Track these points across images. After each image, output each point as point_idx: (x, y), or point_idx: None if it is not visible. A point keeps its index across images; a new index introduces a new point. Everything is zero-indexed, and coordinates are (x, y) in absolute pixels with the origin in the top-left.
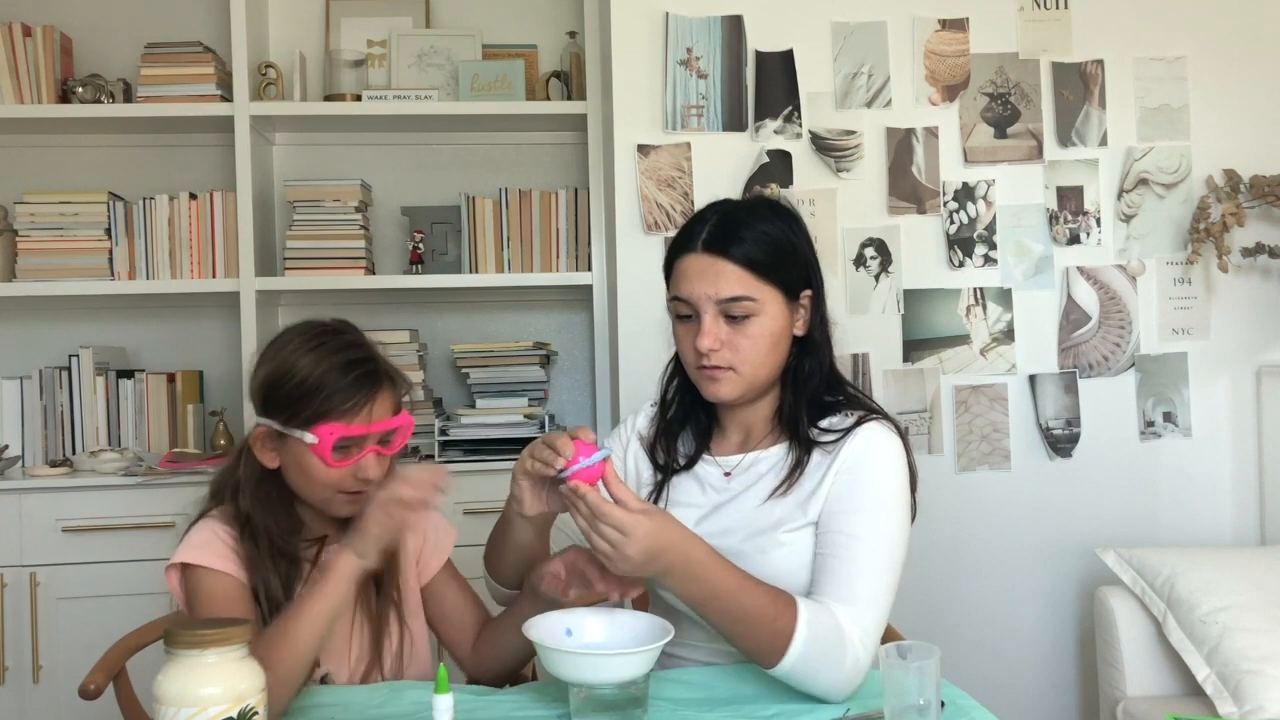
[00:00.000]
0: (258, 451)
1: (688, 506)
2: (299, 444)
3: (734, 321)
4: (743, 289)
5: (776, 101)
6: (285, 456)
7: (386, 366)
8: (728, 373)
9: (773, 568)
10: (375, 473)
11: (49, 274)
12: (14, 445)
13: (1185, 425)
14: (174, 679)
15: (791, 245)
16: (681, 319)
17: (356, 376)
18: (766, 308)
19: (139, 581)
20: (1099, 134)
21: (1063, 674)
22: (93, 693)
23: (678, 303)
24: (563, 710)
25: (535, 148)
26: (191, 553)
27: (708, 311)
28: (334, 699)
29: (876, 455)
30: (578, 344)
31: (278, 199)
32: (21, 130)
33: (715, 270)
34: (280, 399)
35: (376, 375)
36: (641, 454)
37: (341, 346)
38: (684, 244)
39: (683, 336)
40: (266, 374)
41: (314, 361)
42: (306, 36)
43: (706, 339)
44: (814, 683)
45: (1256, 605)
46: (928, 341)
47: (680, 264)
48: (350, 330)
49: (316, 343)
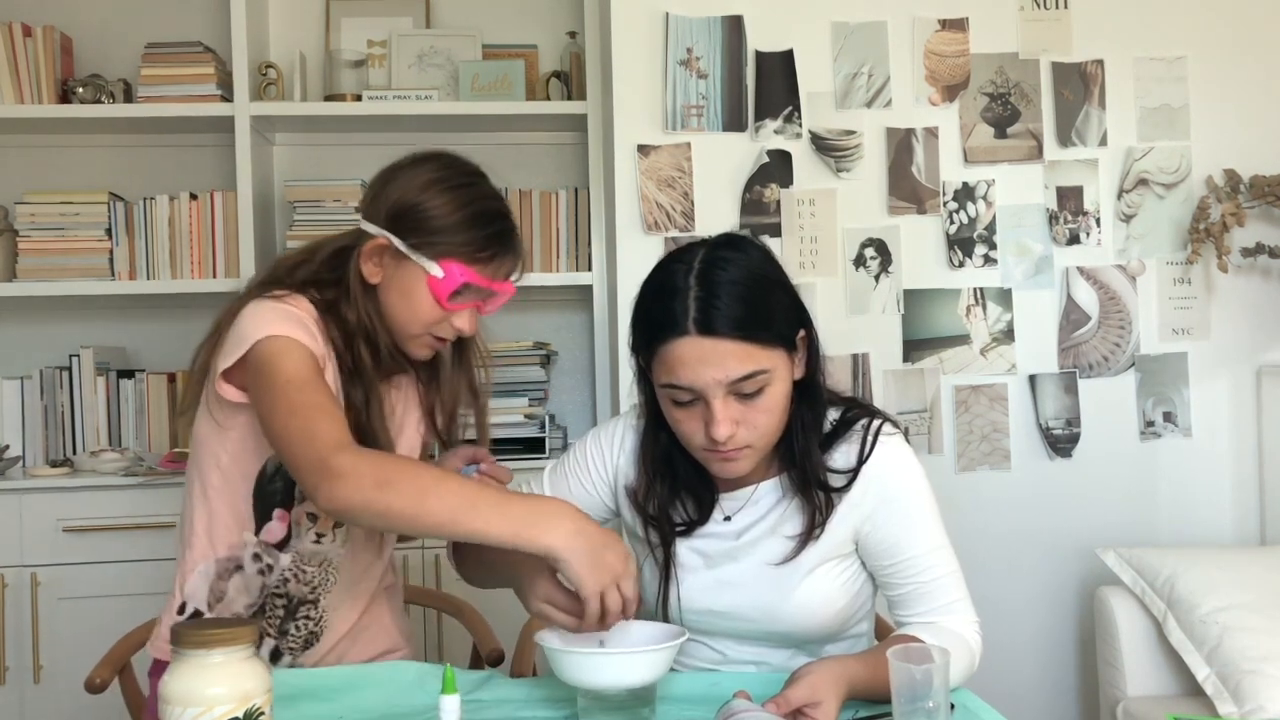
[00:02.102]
0: (365, 261)
1: (688, 545)
2: (416, 270)
3: (746, 398)
4: (752, 364)
5: (776, 101)
6: (393, 278)
7: (518, 232)
8: (745, 450)
9: (797, 607)
10: (470, 327)
11: (49, 274)
12: (14, 445)
13: (1185, 425)
14: (180, 678)
15: (779, 287)
16: (680, 404)
17: (496, 231)
18: (776, 374)
19: (139, 581)
20: (1099, 134)
21: (1063, 674)
22: (98, 686)
23: (675, 390)
24: (570, 710)
25: (535, 148)
26: (277, 325)
27: (716, 396)
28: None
29: (899, 476)
30: (578, 344)
31: (278, 199)
32: (21, 130)
33: (718, 353)
34: (415, 222)
35: (513, 236)
36: (628, 504)
37: (486, 195)
38: (666, 327)
39: (684, 420)
40: (404, 195)
41: (456, 201)
42: (306, 36)
43: (723, 427)
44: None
45: (1256, 605)
46: (928, 341)
47: (669, 350)
48: (489, 181)
49: (461, 182)
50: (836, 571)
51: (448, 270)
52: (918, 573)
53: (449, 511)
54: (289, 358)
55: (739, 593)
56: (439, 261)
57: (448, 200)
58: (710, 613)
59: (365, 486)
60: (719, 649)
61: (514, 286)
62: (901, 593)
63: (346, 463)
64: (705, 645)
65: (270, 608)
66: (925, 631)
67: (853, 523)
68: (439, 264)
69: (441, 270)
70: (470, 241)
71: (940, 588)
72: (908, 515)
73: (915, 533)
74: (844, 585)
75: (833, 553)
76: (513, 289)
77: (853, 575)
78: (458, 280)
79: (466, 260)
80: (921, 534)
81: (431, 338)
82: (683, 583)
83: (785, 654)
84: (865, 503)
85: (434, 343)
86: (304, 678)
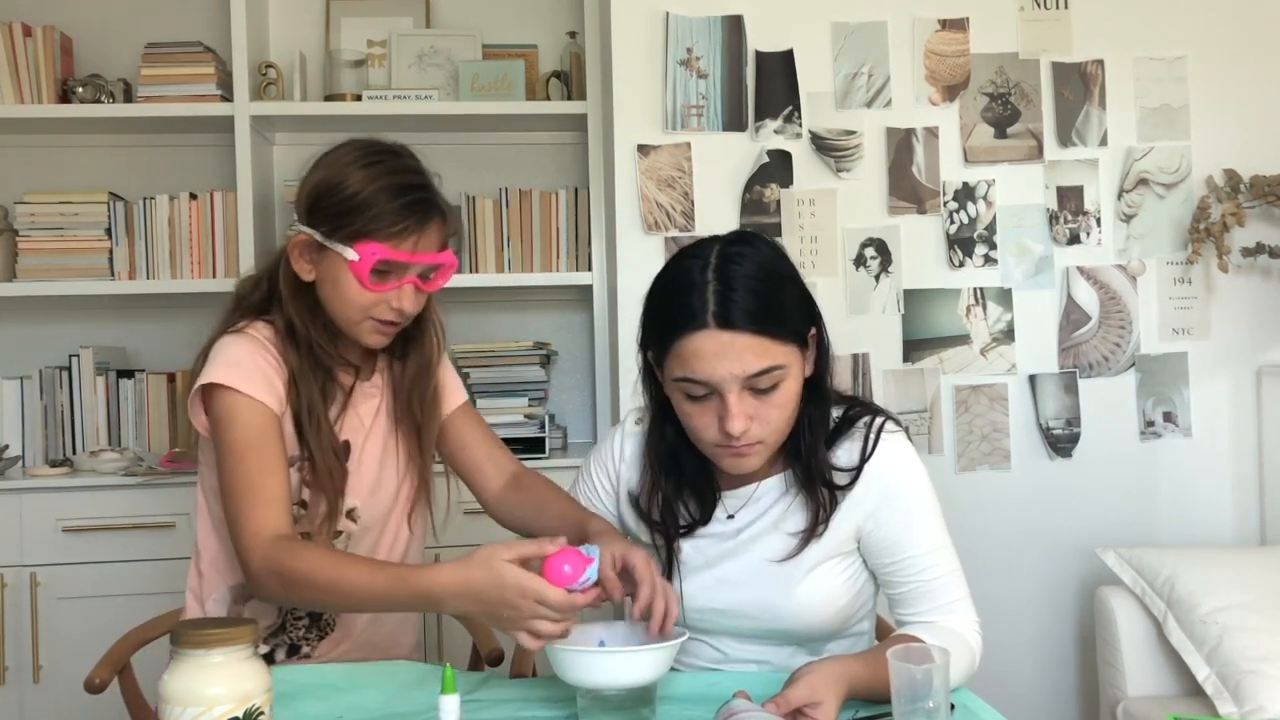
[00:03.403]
0: (294, 261)
1: (691, 543)
2: (338, 259)
3: (759, 393)
4: (768, 359)
5: (777, 101)
6: (322, 271)
7: (440, 199)
8: (757, 446)
9: (798, 604)
10: (411, 306)
11: (49, 274)
12: (14, 445)
13: (1185, 425)
14: (180, 678)
15: (791, 282)
16: (693, 399)
17: (409, 202)
18: (790, 370)
19: (139, 581)
20: (1099, 134)
21: (1063, 674)
22: (98, 686)
23: (690, 384)
24: (570, 710)
25: (535, 148)
26: (223, 372)
27: (732, 391)
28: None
29: (901, 474)
30: (578, 344)
31: (278, 199)
32: (21, 130)
33: (736, 347)
34: (325, 209)
35: (429, 205)
36: (629, 508)
37: (398, 169)
38: (685, 321)
39: (697, 415)
40: (316, 182)
41: (367, 178)
42: (306, 36)
43: (737, 422)
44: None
45: (1256, 605)
46: (928, 341)
47: (686, 344)
48: (408, 155)
49: (373, 160)
50: (839, 570)
51: (362, 252)
52: (919, 571)
53: (353, 604)
54: (235, 423)
55: (740, 590)
56: (353, 245)
57: (354, 181)
58: (712, 611)
59: (273, 586)
60: (720, 648)
61: (452, 256)
62: (902, 591)
63: (257, 564)
64: (707, 644)
65: (290, 626)
66: (925, 631)
67: (855, 520)
68: (353, 247)
69: (356, 253)
70: (380, 217)
71: (941, 586)
72: (909, 513)
73: (917, 531)
74: (846, 583)
75: (835, 550)
76: (451, 258)
77: (854, 574)
78: (373, 259)
79: (381, 239)
80: (923, 533)
81: (376, 322)
82: (685, 582)
83: (786, 652)
84: (868, 500)
85: (381, 327)
86: (304, 676)
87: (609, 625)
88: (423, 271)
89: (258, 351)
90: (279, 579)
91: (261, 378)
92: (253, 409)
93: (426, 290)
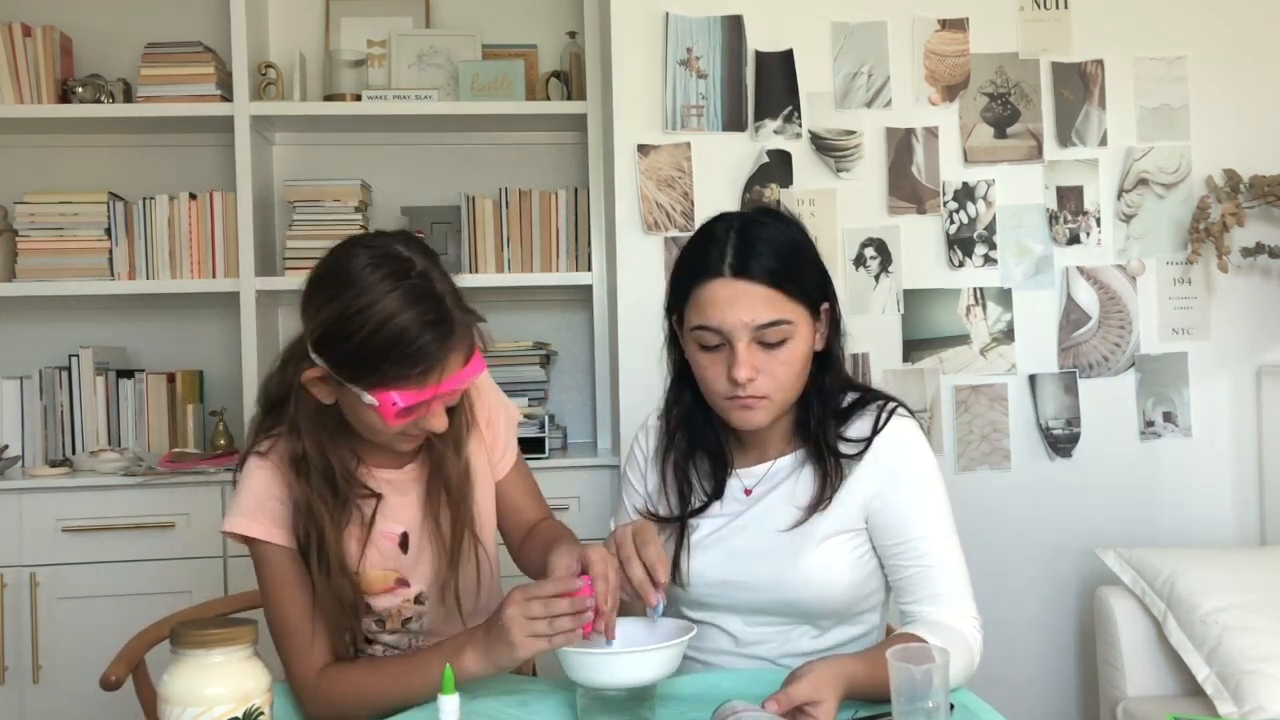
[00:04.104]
0: (311, 388)
1: (707, 518)
2: (355, 394)
3: (768, 348)
4: (778, 313)
5: (776, 101)
6: (342, 397)
7: (456, 318)
8: (763, 401)
9: (804, 575)
10: (439, 425)
11: (49, 274)
12: (14, 445)
13: (1185, 425)
14: (180, 678)
15: (811, 256)
16: (706, 349)
17: (425, 343)
18: (799, 329)
19: (139, 581)
20: (1099, 134)
21: (1063, 674)
22: (114, 684)
23: (704, 332)
24: (570, 710)
25: (535, 148)
26: (242, 521)
27: (741, 340)
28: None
29: (910, 453)
30: (578, 344)
31: (277, 199)
32: (21, 130)
33: (749, 295)
34: (337, 355)
35: (447, 334)
36: (656, 491)
37: (411, 298)
38: (703, 269)
39: (709, 366)
40: (326, 319)
41: (378, 321)
42: (306, 36)
43: (744, 369)
44: (954, 683)
45: (1256, 605)
46: (928, 341)
47: (703, 291)
48: (417, 269)
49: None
50: (848, 547)
51: (382, 399)
52: (921, 555)
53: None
54: (263, 568)
55: (749, 560)
56: (371, 392)
57: (368, 325)
58: (723, 583)
59: (321, 713)
60: (730, 629)
61: (478, 362)
62: (905, 575)
63: (311, 708)
64: (717, 628)
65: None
66: (926, 630)
67: (863, 495)
68: (372, 394)
69: (376, 400)
70: (396, 367)
71: (943, 574)
72: (915, 494)
73: (922, 514)
74: (852, 562)
75: (843, 526)
76: (475, 368)
77: (863, 554)
78: (395, 406)
79: (399, 387)
80: (929, 517)
81: (406, 437)
82: (697, 557)
83: (795, 633)
84: (876, 476)
85: (411, 440)
86: None
87: (620, 623)
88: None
89: (275, 481)
90: (332, 710)
91: (277, 519)
92: (276, 554)
93: (451, 401)
